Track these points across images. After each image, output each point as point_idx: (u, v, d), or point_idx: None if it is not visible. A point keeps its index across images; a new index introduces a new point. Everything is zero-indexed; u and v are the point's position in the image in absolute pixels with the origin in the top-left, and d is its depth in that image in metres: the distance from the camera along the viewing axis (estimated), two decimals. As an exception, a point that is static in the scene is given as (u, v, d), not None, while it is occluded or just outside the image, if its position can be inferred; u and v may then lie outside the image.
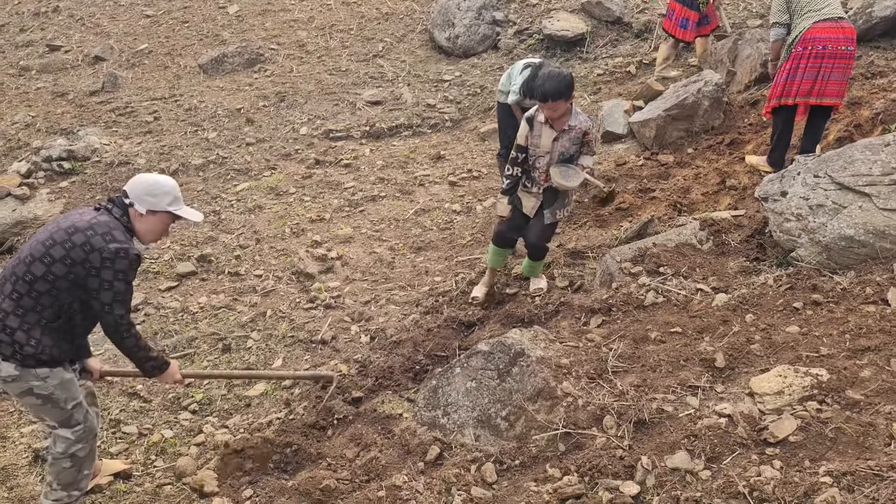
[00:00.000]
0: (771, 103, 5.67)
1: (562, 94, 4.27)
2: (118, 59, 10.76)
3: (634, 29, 9.55)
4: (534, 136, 4.54)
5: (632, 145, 7.19)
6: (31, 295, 3.11)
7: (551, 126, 4.47)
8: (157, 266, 6.22)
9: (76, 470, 3.47)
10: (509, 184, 4.73)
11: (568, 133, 4.51)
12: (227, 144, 8.25)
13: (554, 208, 4.74)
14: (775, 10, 5.55)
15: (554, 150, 4.54)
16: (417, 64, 10.01)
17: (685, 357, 3.76)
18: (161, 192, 3.26)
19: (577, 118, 4.50)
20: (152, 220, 3.29)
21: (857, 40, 5.51)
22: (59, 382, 3.25)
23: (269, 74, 9.94)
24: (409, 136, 8.38)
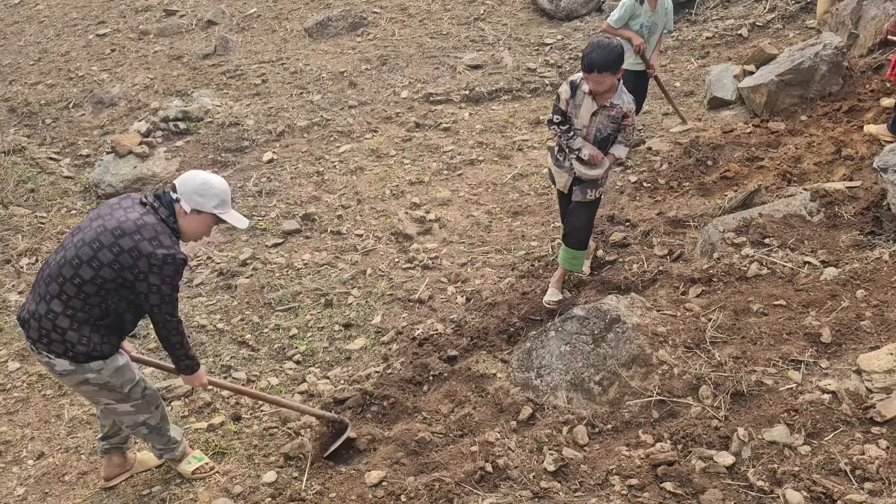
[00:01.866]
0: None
1: (609, 67, 3.93)
2: (229, 23, 11.16)
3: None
4: (574, 103, 4.22)
5: (740, 112, 6.91)
6: (79, 297, 3.11)
7: (594, 98, 4.14)
8: (263, 223, 6.51)
9: (157, 433, 3.59)
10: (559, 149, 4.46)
11: (609, 110, 4.16)
12: (331, 107, 8.47)
13: (584, 186, 4.41)
14: None
15: (591, 125, 4.22)
16: (519, 27, 9.90)
17: (788, 331, 3.66)
18: (210, 194, 3.19)
19: (621, 97, 4.15)
20: (196, 220, 3.23)
21: None
22: (112, 371, 3.29)
23: (372, 38, 10.08)
24: (508, 100, 8.34)
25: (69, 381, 3.30)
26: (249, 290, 5.63)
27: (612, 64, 3.94)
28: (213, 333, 5.17)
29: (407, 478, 3.42)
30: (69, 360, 3.19)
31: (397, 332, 4.88)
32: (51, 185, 8.12)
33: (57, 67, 10.85)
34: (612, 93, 4.11)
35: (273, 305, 5.41)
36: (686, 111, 7.20)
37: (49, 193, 7.95)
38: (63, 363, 3.19)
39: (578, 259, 4.66)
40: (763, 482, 2.91)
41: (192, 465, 3.76)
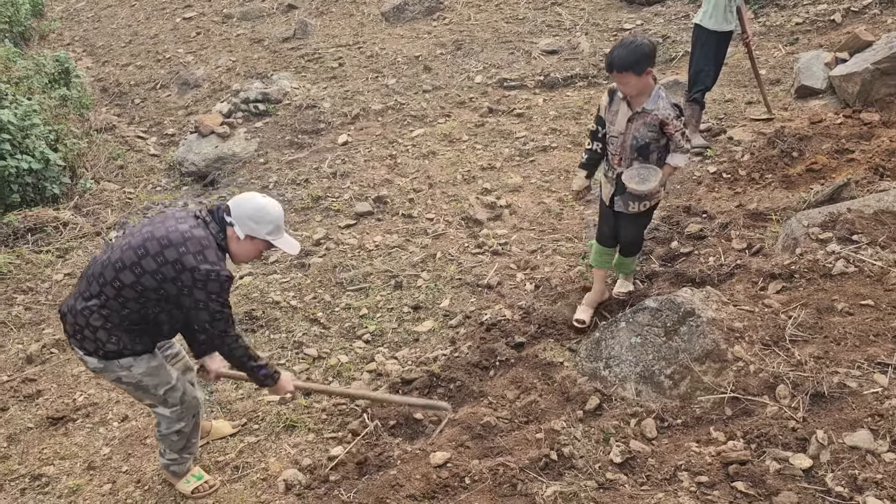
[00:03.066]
0: None
1: (630, 66, 3.62)
2: (308, 7, 11.35)
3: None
4: (611, 110, 3.95)
5: (830, 101, 6.60)
6: (118, 300, 3.07)
7: (629, 104, 3.86)
8: (337, 204, 6.62)
9: (184, 440, 3.55)
10: (587, 159, 4.21)
11: (643, 117, 3.82)
12: (405, 91, 8.52)
13: (625, 197, 4.09)
14: None
15: (628, 131, 3.89)
16: (597, 12, 9.72)
17: (876, 332, 3.50)
18: (265, 220, 3.11)
19: (655, 102, 3.79)
20: (248, 245, 3.16)
21: None
22: (144, 370, 3.23)
23: (448, 22, 10.08)
24: (583, 86, 8.21)
25: (104, 378, 3.30)
26: (322, 270, 5.73)
27: (634, 64, 3.62)
28: (287, 310, 5.30)
29: (471, 461, 3.43)
30: (98, 358, 3.17)
31: (465, 316, 4.89)
32: (138, 163, 8.46)
33: (146, 50, 11.28)
34: (645, 97, 3.80)
35: (344, 285, 5.50)
36: (772, 100, 6.93)
37: (136, 170, 8.29)
38: (93, 361, 3.18)
39: (629, 265, 4.50)
40: (842, 488, 2.80)
41: (192, 485, 3.69)
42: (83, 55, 11.57)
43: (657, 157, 3.93)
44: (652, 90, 3.79)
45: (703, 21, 6.19)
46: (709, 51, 6.23)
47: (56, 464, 4.02)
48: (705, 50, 6.24)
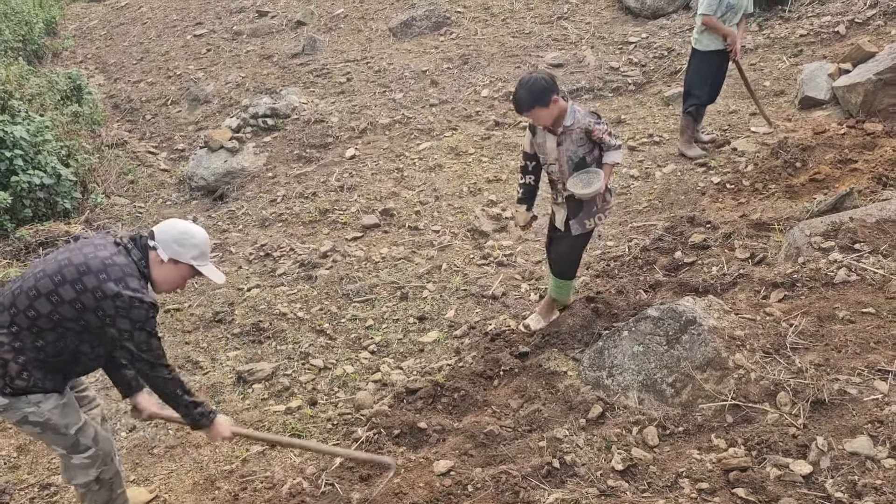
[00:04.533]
0: None
1: (534, 103, 3.82)
2: (317, 24, 11.49)
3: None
4: (538, 142, 4.11)
5: (834, 112, 6.63)
6: (31, 330, 2.87)
7: (551, 130, 4.00)
8: (344, 217, 6.69)
9: (107, 490, 3.29)
10: (523, 193, 4.35)
11: (568, 135, 3.98)
12: (412, 105, 8.61)
13: (580, 218, 4.18)
14: None
15: (561, 154, 4.03)
16: (602, 26, 9.79)
17: (876, 339, 3.51)
18: (190, 244, 2.98)
19: (573, 116, 3.95)
20: (172, 270, 3.00)
21: None
22: (53, 407, 2.98)
23: (454, 37, 10.18)
24: (589, 99, 8.27)
25: (9, 417, 2.99)
26: (329, 281, 5.80)
27: (537, 99, 3.81)
28: (294, 321, 5.36)
29: (474, 469, 3.46)
30: (3, 395, 2.90)
31: (470, 326, 4.93)
32: (149, 178, 8.59)
33: (157, 66, 11.44)
34: (562, 118, 3.95)
35: (351, 297, 5.56)
36: (774, 111, 6.96)
37: (147, 185, 8.41)
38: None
39: (565, 290, 4.46)
40: (842, 493, 2.81)
41: None
42: (95, 72, 11.75)
43: (597, 166, 4.10)
44: (566, 110, 3.95)
45: (694, 43, 6.34)
46: (701, 70, 6.33)
47: (66, 473, 4.07)
48: (697, 69, 6.36)
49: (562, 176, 4.10)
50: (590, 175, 4.03)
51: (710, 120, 7.00)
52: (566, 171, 4.07)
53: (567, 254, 4.35)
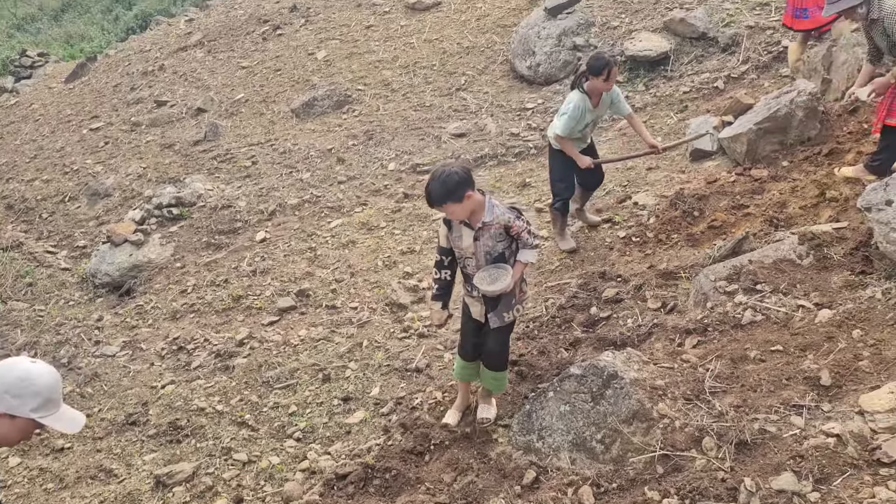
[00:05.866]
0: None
1: (447, 197, 3.66)
2: (218, 110, 11.44)
3: (721, 43, 9.36)
4: (454, 236, 3.95)
5: (722, 161, 7.03)
6: None
7: (468, 224, 3.86)
8: (259, 302, 6.53)
9: None
10: (438, 289, 4.16)
11: (486, 230, 3.84)
12: (321, 184, 8.60)
13: (498, 311, 4.04)
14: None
15: (478, 249, 3.90)
16: (500, 94, 10.15)
17: (788, 376, 3.64)
18: (29, 393, 2.43)
19: (492, 212, 3.80)
20: (8, 426, 2.46)
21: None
22: None
23: (357, 114, 10.32)
24: (494, 165, 8.49)
25: None
26: (247, 370, 5.60)
27: (451, 193, 3.65)
28: (213, 416, 5.12)
29: (412, 553, 3.34)
30: None
31: (396, 402, 4.84)
32: (48, 278, 8.17)
33: (52, 163, 11.06)
34: (480, 212, 3.81)
35: (271, 383, 5.38)
36: (669, 165, 7.33)
37: (47, 286, 8.00)
38: None
39: (500, 381, 4.30)
40: (775, 533, 2.85)
41: None
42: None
43: (514, 262, 3.97)
44: (483, 204, 3.81)
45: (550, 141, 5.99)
46: (560, 167, 6.00)
47: None
48: (556, 167, 6.04)
49: (478, 271, 3.96)
50: (499, 271, 3.90)
51: (610, 177, 7.27)
52: (483, 267, 3.95)
53: (497, 349, 4.18)
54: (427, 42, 11.91)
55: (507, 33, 11.28)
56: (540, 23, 10.57)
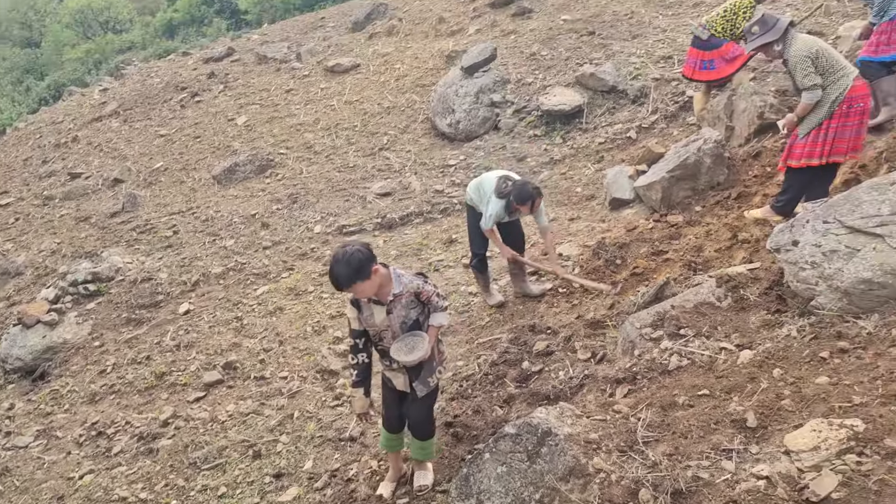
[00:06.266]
0: (803, 161, 5.45)
1: (354, 278, 3.57)
2: (136, 180, 11.17)
3: (630, 95, 9.78)
4: (364, 316, 3.87)
5: (640, 209, 7.25)
6: None
7: (377, 301, 3.80)
8: (184, 378, 6.27)
9: None
10: (357, 374, 4.03)
11: (398, 301, 3.80)
12: (245, 250, 8.44)
13: (423, 378, 4.00)
14: (807, 74, 5.26)
15: (392, 322, 3.85)
16: (422, 152, 10.28)
17: (716, 420, 3.69)
18: None
19: (400, 283, 3.79)
20: None
21: None
22: None
23: (281, 178, 10.25)
24: (420, 223, 8.53)
25: None
26: (172, 452, 5.34)
27: (358, 272, 3.56)
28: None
29: None
30: None
31: (331, 475, 4.68)
32: (-48, 367, 7.67)
33: (-44, 243, 10.52)
34: (388, 285, 3.76)
35: (199, 465, 5.13)
36: (589, 214, 7.51)
37: (-50, 377, 7.50)
38: None
39: (428, 448, 4.25)
40: (715, 584, 2.83)
41: None
42: None
43: (428, 327, 3.94)
44: (389, 277, 3.77)
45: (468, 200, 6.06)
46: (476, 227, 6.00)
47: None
48: (473, 226, 6.06)
49: (394, 342, 3.88)
50: (414, 339, 3.85)
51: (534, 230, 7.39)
52: (400, 337, 3.89)
53: (422, 418, 4.11)
54: (348, 104, 12.02)
55: (426, 92, 11.51)
56: (458, 81, 10.83)
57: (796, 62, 5.31)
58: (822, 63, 5.26)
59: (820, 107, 5.33)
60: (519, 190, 5.60)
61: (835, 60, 5.27)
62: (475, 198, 5.99)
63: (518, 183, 5.63)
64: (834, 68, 5.25)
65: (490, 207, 5.77)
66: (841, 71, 5.23)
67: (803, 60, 5.25)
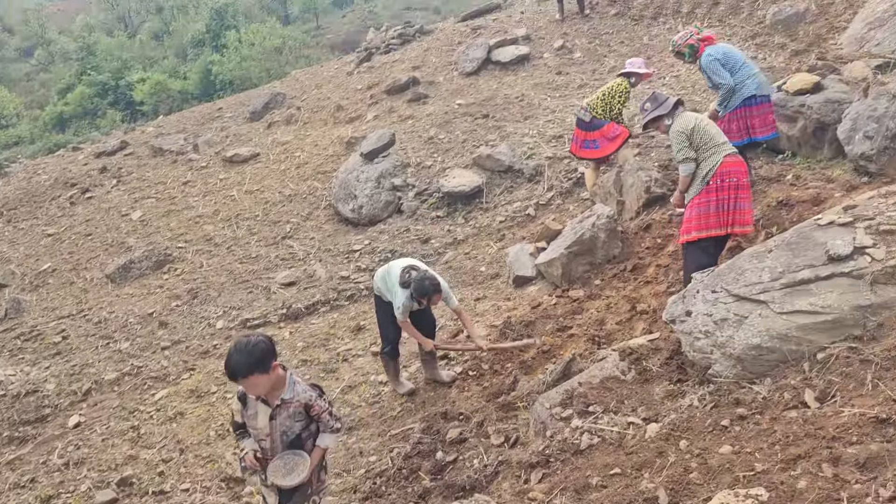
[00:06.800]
0: (691, 235, 5.60)
1: (254, 369, 3.39)
2: (21, 283, 10.54)
3: (526, 174, 10.12)
4: (249, 414, 3.68)
5: (543, 285, 7.38)
6: None
7: (265, 401, 3.61)
8: (73, 500, 5.78)
9: None
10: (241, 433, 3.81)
11: (285, 408, 3.61)
12: (142, 353, 8.02)
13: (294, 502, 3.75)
14: (680, 148, 5.53)
15: (273, 430, 3.63)
16: (326, 239, 10.21)
17: (629, 500, 3.68)
18: None
19: (293, 389, 3.61)
20: None
21: None
22: None
23: (180, 273, 9.91)
24: (326, 311, 8.38)
25: None
26: (60, 587, 4.85)
27: (258, 364, 3.40)
28: None
29: None
30: None
31: None
32: None
33: None
34: (280, 389, 3.59)
35: None
36: (494, 293, 7.59)
37: None
38: None
39: None
40: None
41: None
42: None
43: (312, 445, 3.74)
44: (284, 379, 3.60)
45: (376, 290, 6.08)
46: (385, 316, 6.04)
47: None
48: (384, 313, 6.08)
49: (273, 454, 3.68)
50: (295, 459, 3.63)
51: (442, 312, 7.39)
52: (279, 449, 3.67)
53: None
54: (248, 193, 11.89)
55: (327, 179, 11.54)
56: (358, 167, 10.93)
57: (673, 137, 5.64)
58: (697, 139, 5.55)
59: (696, 181, 5.60)
60: (417, 285, 5.58)
61: (709, 137, 5.55)
62: (382, 287, 5.98)
63: (416, 277, 5.61)
64: (707, 145, 5.54)
65: (398, 299, 5.74)
66: (714, 148, 5.52)
67: (678, 136, 5.57)
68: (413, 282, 5.61)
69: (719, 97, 6.59)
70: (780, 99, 7.27)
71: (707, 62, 6.56)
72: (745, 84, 6.50)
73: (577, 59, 13.51)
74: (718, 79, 6.50)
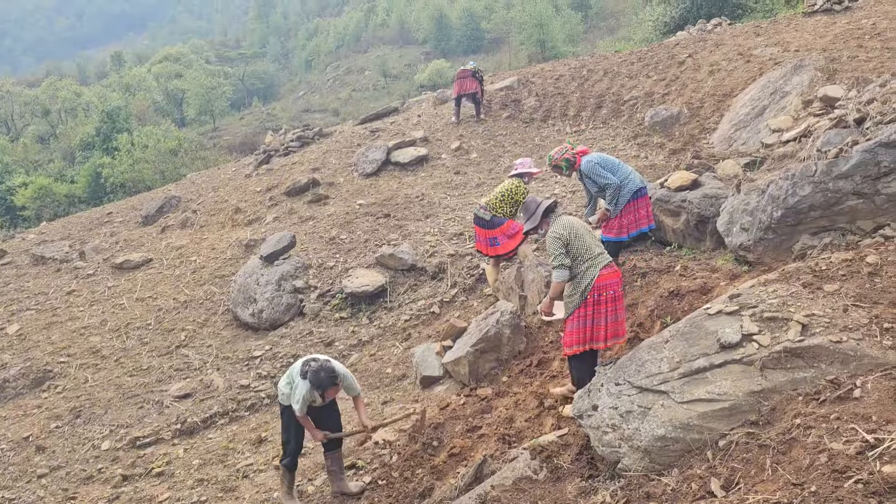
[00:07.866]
0: (574, 349, 5.53)
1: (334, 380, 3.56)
2: None
3: (429, 272, 10.16)
4: None
5: (451, 385, 7.30)
6: None
7: None
8: None
9: None
10: None
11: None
12: (14, 483, 7.27)
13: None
14: (557, 254, 5.43)
15: None
16: (224, 346, 9.79)
17: None
18: None
19: None
20: None
21: None
22: None
23: (61, 390, 9.19)
24: (225, 423, 7.93)
25: None
26: None
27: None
28: None
29: None
30: None
31: None
32: None
33: None
34: None
35: None
36: (402, 395, 7.42)
37: None
38: None
39: None
40: None
41: None
42: None
43: None
44: None
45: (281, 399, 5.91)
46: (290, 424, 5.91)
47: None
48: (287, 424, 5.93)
49: None
50: None
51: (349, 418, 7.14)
52: None
53: None
54: (139, 301, 11.34)
55: (225, 283, 11.20)
56: (258, 270, 10.69)
57: (549, 242, 5.52)
58: (574, 248, 5.46)
59: (574, 292, 5.51)
60: (314, 376, 5.50)
61: (586, 248, 5.45)
62: (286, 390, 5.76)
63: (314, 368, 5.49)
64: (584, 256, 5.44)
65: (298, 392, 5.59)
66: (590, 260, 5.43)
67: (554, 241, 5.46)
68: (310, 372, 5.47)
69: (608, 197, 6.91)
70: (663, 195, 7.72)
71: (588, 168, 6.89)
72: (629, 178, 6.89)
73: (474, 160, 13.99)
74: (603, 180, 6.83)
